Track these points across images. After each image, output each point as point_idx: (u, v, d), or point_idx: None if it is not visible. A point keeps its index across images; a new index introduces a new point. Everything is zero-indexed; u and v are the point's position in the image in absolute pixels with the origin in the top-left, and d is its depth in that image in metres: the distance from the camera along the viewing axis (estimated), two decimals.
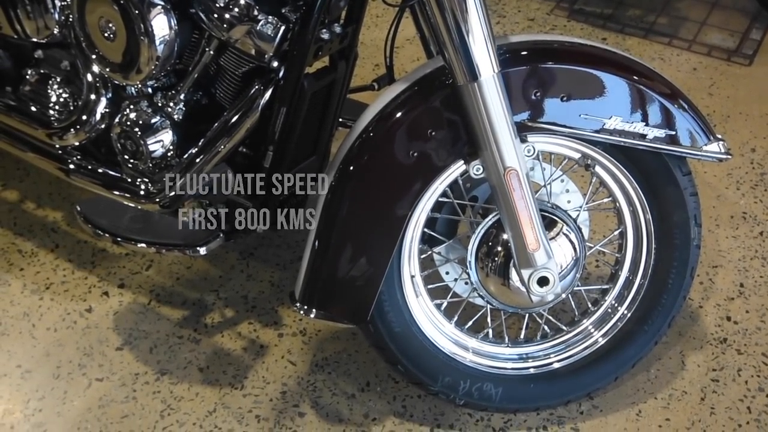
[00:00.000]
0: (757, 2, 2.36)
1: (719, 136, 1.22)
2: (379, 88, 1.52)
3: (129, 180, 1.42)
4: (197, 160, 1.33)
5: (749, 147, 1.99)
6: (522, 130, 1.14)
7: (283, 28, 1.19)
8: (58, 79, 1.53)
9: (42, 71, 1.56)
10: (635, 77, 1.18)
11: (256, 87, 1.26)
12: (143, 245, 1.41)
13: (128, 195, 1.41)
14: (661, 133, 1.18)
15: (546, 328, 1.40)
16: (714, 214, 1.81)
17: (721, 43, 2.33)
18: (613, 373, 1.38)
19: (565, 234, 1.26)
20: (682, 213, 1.27)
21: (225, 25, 1.21)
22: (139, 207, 1.41)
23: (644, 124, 1.17)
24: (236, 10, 1.19)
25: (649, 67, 1.23)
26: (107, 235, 1.43)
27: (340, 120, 1.52)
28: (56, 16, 1.43)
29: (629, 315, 1.35)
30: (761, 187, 1.88)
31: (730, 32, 2.37)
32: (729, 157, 1.22)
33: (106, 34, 1.28)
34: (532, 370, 1.37)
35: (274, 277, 1.70)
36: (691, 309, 1.60)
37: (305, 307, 1.24)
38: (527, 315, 1.38)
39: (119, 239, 1.42)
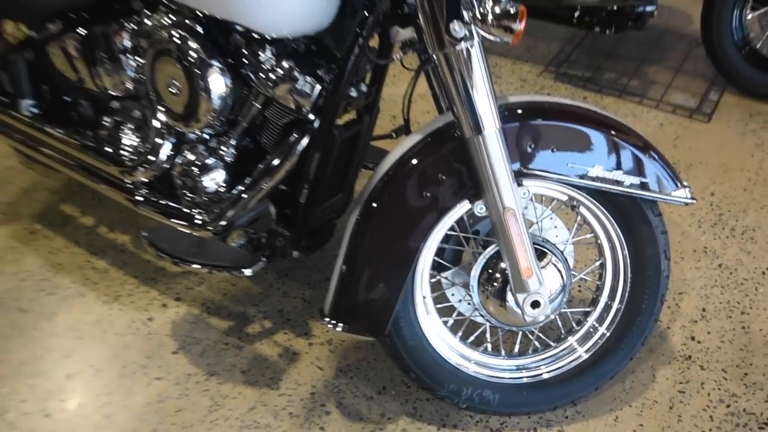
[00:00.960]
0: (714, 68, 2.37)
1: (685, 183, 1.21)
2: (396, 137, 1.53)
3: (187, 211, 1.43)
4: (244, 196, 1.33)
5: (709, 191, 1.98)
6: (518, 176, 1.15)
7: (318, 87, 1.22)
8: (130, 126, 1.55)
9: (117, 119, 1.58)
10: (613, 132, 1.18)
11: (295, 135, 1.27)
12: (197, 266, 1.41)
13: (186, 223, 1.42)
14: (635, 180, 1.18)
15: (537, 343, 1.39)
16: (679, 249, 1.80)
17: (684, 103, 2.34)
18: (594, 384, 1.37)
19: (553, 264, 1.25)
20: (654, 248, 1.26)
21: (270, 84, 1.23)
22: (195, 234, 1.42)
23: (621, 172, 1.17)
24: (280, 71, 1.21)
25: (624, 123, 1.22)
26: (167, 257, 1.43)
27: (364, 163, 1.53)
28: (131, 74, 1.46)
29: (608, 334, 1.34)
30: (719, 226, 1.87)
31: (691, 93, 2.38)
32: (694, 201, 1.22)
33: (172, 90, 1.30)
34: (525, 380, 1.36)
35: (306, 294, 1.70)
36: (660, 329, 1.58)
37: (333, 321, 1.24)
38: (521, 332, 1.38)
39: (177, 261, 1.42)
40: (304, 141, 1.27)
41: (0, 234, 1.89)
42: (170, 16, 1.29)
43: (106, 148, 1.56)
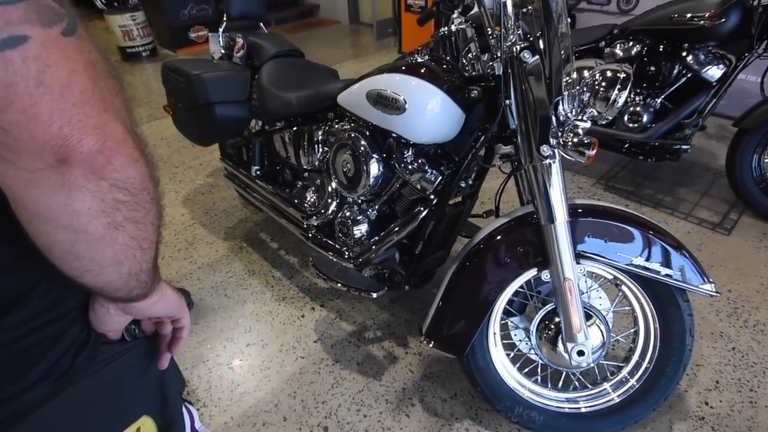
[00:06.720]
0: (735, 195, 2.15)
1: (711, 280, 1.10)
2: (486, 218, 1.49)
3: (339, 248, 1.47)
4: (379, 244, 1.36)
5: (726, 289, 1.76)
6: (578, 257, 1.11)
7: (440, 178, 1.23)
8: (312, 189, 1.64)
9: (305, 183, 1.68)
10: (652, 232, 1.11)
11: (419, 208, 1.29)
12: (340, 285, 1.44)
13: (338, 256, 1.47)
14: (670, 271, 1.09)
15: (577, 383, 1.29)
16: (699, 330, 1.60)
17: (708, 218, 2.13)
18: (621, 424, 1.23)
19: (597, 325, 1.17)
20: (681, 326, 1.15)
21: (408, 172, 1.26)
22: (343, 264, 1.46)
23: (659, 264, 1.09)
24: (416, 165, 1.24)
25: (662, 226, 1.14)
26: (323, 276, 1.47)
27: (462, 233, 1.52)
28: (319, 156, 1.56)
29: (637, 386, 1.22)
30: (734, 317, 1.64)
31: (715, 212, 2.16)
32: (718, 294, 1.10)
33: (344, 170, 1.37)
34: (565, 409, 1.25)
35: (408, 317, 1.68)
36: (679, 392, 1.40)
37: (427, 339, 1.22)
38: (565, 372, 1.29)
39: (328, 279, 1.46)
40: (424, 212, 1.28)
41: (222, 246, 2.06)
42: (350, 123, 1.38)
43: (295, 201, 1.66)
